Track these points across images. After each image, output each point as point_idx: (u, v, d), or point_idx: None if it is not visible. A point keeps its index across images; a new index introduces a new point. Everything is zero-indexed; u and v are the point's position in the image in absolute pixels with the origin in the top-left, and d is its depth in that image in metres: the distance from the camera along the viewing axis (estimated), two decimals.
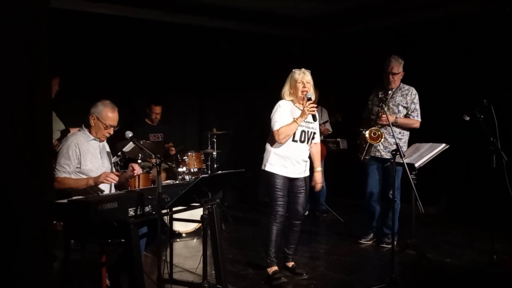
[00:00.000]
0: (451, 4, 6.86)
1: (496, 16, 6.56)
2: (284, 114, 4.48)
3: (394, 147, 5.45)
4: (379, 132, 5.36)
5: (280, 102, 4.56)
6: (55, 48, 6.15)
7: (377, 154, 5.59)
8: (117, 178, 3.96)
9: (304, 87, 4.49)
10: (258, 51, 8.31)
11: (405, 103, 5.48)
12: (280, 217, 4.55)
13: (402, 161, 4.34)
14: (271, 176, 4.54)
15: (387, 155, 5.43)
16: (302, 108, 4.47)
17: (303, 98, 4.49)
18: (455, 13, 6.94)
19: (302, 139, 4.53)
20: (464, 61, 6.96)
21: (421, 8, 7.13)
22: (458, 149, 5.32)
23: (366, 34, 8.17)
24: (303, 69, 4.58)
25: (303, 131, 4.52)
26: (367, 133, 5.39)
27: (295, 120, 4.41)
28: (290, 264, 4.76)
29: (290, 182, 4.59)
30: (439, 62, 7.21)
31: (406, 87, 5.54)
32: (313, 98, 4.49)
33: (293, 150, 4.51)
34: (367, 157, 5.60)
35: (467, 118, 4.85)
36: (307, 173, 4.71)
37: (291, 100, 4.57)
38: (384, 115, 5.27)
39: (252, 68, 8.22)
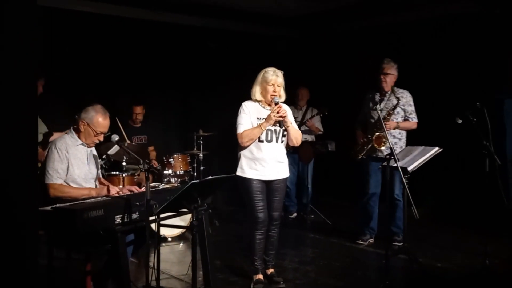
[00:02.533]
0: (441, 5, 6.83)
1: (486, 17, 6.53)
2: (250, 115, 4.36)
3: (394, 146, 5.48)
4: (385, 139, 5.43)
5: (245, 104, 4.42)
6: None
7: (379, 154, 5.62)
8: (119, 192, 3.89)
9: (274, 90, 4.32)
10: (245, 50, 8.18)
11: (402, 105, 5.58)
12: (261, 223, 4.36)
13: (396, 165, 4.25)
14: (244, 181, 4.36)
15: (381, 154, 5.57)
16: (269, 109, 4.34)
17: (271, 101, 4.33)
18: (445, 14, 6.91)
19: (269, 138, 4.35)
20: (456, 62, 6.90)
21: (410, 8, 7.10)
22: (447, 151, 5.24)
23: (353, 34, 8.11)
24: (276, 70, 4.39)
25: (269, 130, 4.33)
26: (374, 140, 5.51)
27: (259, 125, 4.28)
28: (269, 271, 4.56)
29: (267, 185, 4.40)
30: (431, 63, 7.15)
31: (400, 90, 5.65)
32: (282, 100, 4.36)
33: (261, 151, 4.33)
34: (365, 157, 5.67)
35: (460, 121, 4.80)
36: (285, 174, 4.49)
37: (259, 101, 4.41)
38: (388, 123, 5.48)
39: (238, 68, 8.08)
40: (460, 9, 6.73)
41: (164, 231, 5.88)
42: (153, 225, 4.40)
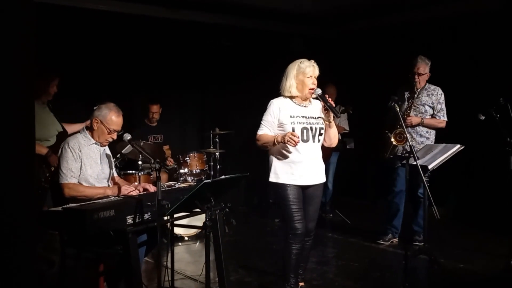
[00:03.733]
0: (463, 2, 6.63)
1: (508, 14, 6.32)
2: (278, 116, 3.88)
3: (422, 146, 5.35)
4: (404, 135, 5.21)
5: (274, 102, 3.95)
6: (50, 47, 6.03)
7: (405, 152, 5.41)
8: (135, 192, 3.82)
9: (313, 83, 3.85)
10: (261, 48, 8.07)
11: (431, 103, 5.43)
12: (300, 236, 3.85)
13: (415, 163, 4.11)
14: (279, 188, 3.90)
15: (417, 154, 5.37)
16: (305, 106, 3.94)
17: (311, 94, 3.90)
18: (467, 11, 6.68)
19: (305, 137, 3.87)
20: (478, 58, 6.69)
21: (431, 4, 6.90)
22: (469, 149, 5.08)
23: (372, 32, 7.94)
24: (311, 60, 3.92)
25: (304, 128, 3.86)
26: (392, 137, 5.34)
27: (275, 140, 3.81)
28: (300, 284, 4.15)
29: (302, 191, 3.94)
30: (452, 59, 6.94)
31: (432, 87, 5.49)
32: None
33: (297, 152, 3.86)
34: (391, 156, 5.54)
35: (482, 118, 4.66)
36: (322, 179, 4.04)
37: (292, 97, 3.93)
38: (410, 118, 5.33)
39: (254, 67, 8.00)
40: (482, 6, 6.51)
41: (180, 230, 5.83)
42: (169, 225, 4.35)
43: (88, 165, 3.86)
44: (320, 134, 3.96)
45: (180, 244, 5.83)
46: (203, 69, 7.63)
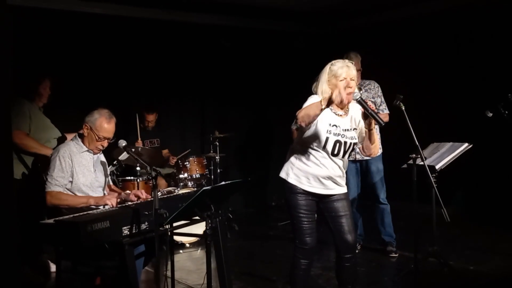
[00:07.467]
0: None
1: None
2: (321, 115, 3.31)
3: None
4: None
5: (314, 96, 3.39)
6: (45, 52, 5.90)
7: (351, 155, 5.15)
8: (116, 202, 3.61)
9: (349, 85, 3.30)
10: (261, 48, 7.91)
11: (371, 97, 5.16)
12: (308, 251, 3.49)
13: (423, 163, 3.96)
14: (288, 189, 3.47)
15: (359, 156, 5.09)
16: (341, 115, 3.42)
17: (348, 101, 3.34)
18: (472, 4, 6.51)
19: (336, 151, 3.38)
20: (485, 53, 6.51)
21: None
22: (477, 147, 4.92)
23: (372, 28, 7.78)
24: (345, 60, 3.40)
25: (337, 141, 3.36)
26: None
27: (320, 101, 3.21)
28: None
29: (322, 202, 3.49)
30: (458, 56, 6.77)
31: (367, 81, 5.21)
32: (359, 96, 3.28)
33: (321, 167, 3.40)
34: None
35: (490, 114, 4.51)
36: (343, 189, 3.52)
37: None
38: None
39: (255, 67, 7.85)
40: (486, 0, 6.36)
41: (181, 237, 5.68)
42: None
43: (80, 173, 3.73)
44: (353, 150, 3.51)
45: (181, 251, 5.68)
46: (202, 71, 7.47)
